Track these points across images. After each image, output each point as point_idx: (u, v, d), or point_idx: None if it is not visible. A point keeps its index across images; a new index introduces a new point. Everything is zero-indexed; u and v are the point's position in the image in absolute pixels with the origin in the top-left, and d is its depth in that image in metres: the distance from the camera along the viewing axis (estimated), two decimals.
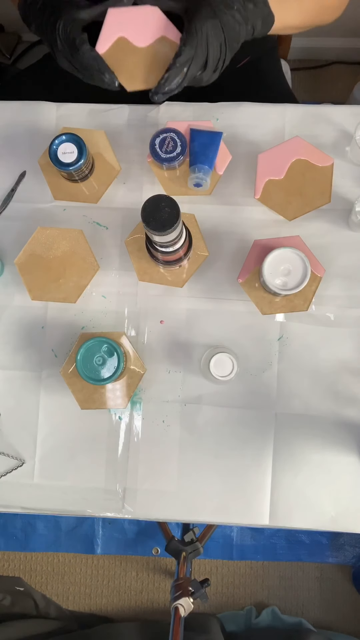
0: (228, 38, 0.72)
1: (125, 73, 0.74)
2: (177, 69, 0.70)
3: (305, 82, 1.76)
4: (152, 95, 0.72)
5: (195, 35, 0.69)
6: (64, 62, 0.75)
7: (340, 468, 0.82)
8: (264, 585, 1.57)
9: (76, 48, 0.71)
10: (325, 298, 0.84)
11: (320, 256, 0.82)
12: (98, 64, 0.72)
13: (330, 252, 0.84)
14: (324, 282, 0.82)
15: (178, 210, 0.64)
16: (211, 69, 0.73)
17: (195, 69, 0.71)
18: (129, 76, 0.74)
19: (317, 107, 0.89)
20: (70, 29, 0.71)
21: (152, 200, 0.64)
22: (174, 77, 0.70)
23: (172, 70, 0.70)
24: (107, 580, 1.59)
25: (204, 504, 0.82)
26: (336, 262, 0.84)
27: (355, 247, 0.85)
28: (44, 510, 0.84)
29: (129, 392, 0.81)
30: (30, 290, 0.82)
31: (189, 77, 0.72)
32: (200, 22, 0.70)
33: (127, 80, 0.74)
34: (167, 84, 0.70)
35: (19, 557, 1.61)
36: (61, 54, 0.74)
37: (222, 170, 0.82)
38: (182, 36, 0.71)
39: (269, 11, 0.76)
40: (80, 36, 0.71)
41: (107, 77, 0.72)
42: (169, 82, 0.70)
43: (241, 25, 0.73)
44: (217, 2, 0.71)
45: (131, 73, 0.74)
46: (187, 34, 0.70)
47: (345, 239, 0.85)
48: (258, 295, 0.81)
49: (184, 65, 0.70)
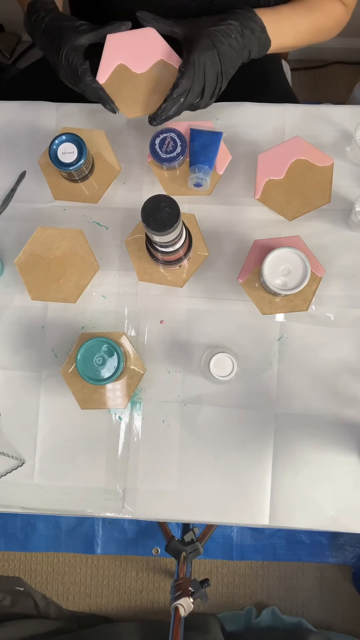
0: (224, 67, 0.76)
1: (124, 101, 0.79)
2: (174, 100, 0.74)
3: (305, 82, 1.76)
4: (150, 120, 0.77)
5: (193, 67, 0.73)
6: (67, 83, 0.80)
7: (340, 468, 0.82)
8: (264, 585, 1.57)
9: (79, 78, 0.76)
10: (325, 298, 0.84)
11: (320, 256, 0.82)
12: (99, 95, 0.77)
13: (330, 252, 0.84)
14: (324, 282, 0.82)
15: (178, 210, 0.64)
16: (208, 97, 0.77)
17: (192, 98, 0.75)
18: (128, 103, 0.79)
19: (317, 107, 0.89)
20: (72, 58, 0.76)
21: (152, 200, 0.64)
22: (171, 106, 0.75)
23: (169, 101, 0.74)
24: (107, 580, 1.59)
25: (204, 504, 0.82)
26: (336, 262, 0.84)
27: (355, 247, 0.85)
28: (44, 510, 0.84)
29: (129, 392, 0.81)
30: (30, 290, 0.82)
31: (185, 106, 0.76)
32: (198, 53, 0.73)
33: (127, 108, 0.79)
34: (165, 113, 0.75)
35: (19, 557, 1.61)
36: (65, 77, 0.79)
37: (222, 170, 0.82)
38: (180, 66, 0.75)
39: (266, 37, 0.79)
40: (83, 66, 0.76)
41: (107, 107, 0.78)
42: (166, 111, 0.75)
43: (238, 53, 0.76)
44: (215, 31, 0.74)
45: (130, 100, 0.79)
46: (185, 65, 0.74)
47: (345, 239, 0.85)
48: (258, 295, 0.81)
49: (181, 96, 0.74)
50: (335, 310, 0.84)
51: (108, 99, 0.78)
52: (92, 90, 0.77)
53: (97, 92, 0.77)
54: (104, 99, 0.77)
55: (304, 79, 1.76)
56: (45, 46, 0.79)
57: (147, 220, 0.63)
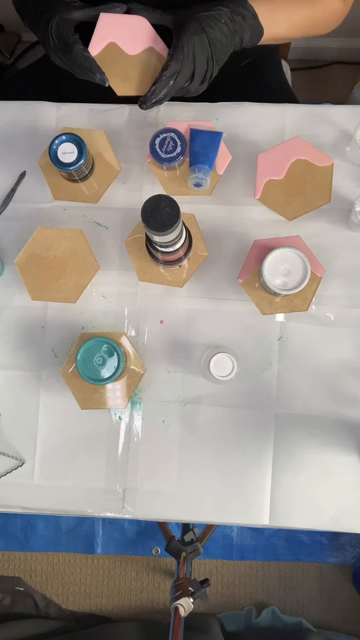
0: (215, 52, 0.75)
1: (115, 77, 0.78)
2: (163, 82, 0.74)
3: (305, 82, 1.76)
4: (140, 103, 0.76)
5: (182, 51, 0.73)
6: (56, 59, 0.78)
7: (340, 468, 0.82)
8: (264, 585, 1.57)
9: (69, 47, 0.74)
10: (325, 298, 0.84)
11: (320, 256, 0.82)
12: (89, 64, 0.75)
13: (330, 252, 0.84)
14: (324, 282, 0.82)
15: (178, 210, 0.64)
16: (198, 81, 0.77)
17: (181, 81, 0.75)
18: (119, 80, 0.78)
19: (317, 107, 0.89)
20: (63, 28, 0.74)
21: (152, 200, 0.64)
22: (160, 89, 0.74)
23: (158, 83, 0.74)
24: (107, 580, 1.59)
25: (204, 504, 0.82)
26: (336, 262, 0.84)
27: (355, 247, 0.85)
28: (44, 510, 0.84)
29: (129, 392, 0.81)
30: (30, 290, 0.82)
31: (175, 89, 0.75)
32: (187, 37, 0.73)
33: (117, 85, 0.78)
34: (154, 96, 0.74)
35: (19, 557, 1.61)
36: (53, 51, 0.77)
37: (222, 170, 0.82)
38: (169, 51, 0.74)
39: (258, 24, 0.78)
40: (73, 36, 0.74)
41: (98, 77, 0.75)
42: (156, 94, 0.74)
43: (229, 38, 0.76)
44: (204, 17, 0.74)
45: (121, 77, 0.78)
46: (174, 49, 0.73)
47: (345, 239, 0.85)
48: (258, 295, 0.81)
49: (171, 79, 0.74)
50: (335, 310, 0.84)
51: (99, 69, 0.75)
52: (83, 60, 0.74)
53: (88, 61, 0.75)
54: (93, 70, 0.75)
55: (304, 79, 1.76)
56: (34, 20, 0.78)
57: (147, 220, 0.63)
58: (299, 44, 1.67)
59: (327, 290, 0.84)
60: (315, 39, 1.67)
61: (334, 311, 0.84)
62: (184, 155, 0.80)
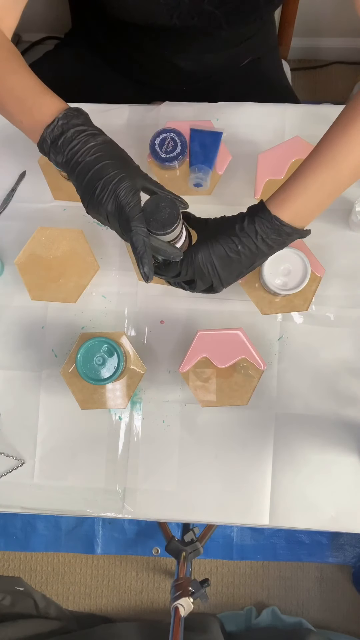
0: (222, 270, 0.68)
1: None
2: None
3: (305, 82, 1.76)
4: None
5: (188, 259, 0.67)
6: (96, 216, 0.67)
7: (340, 468, 0.82)
8: (264, 585, 1.57)
9: (129, 223, 0.62)
10: (325, 298, 0.84)
11: (320, 256, 0.82)
12: (142, 255, 0.62)
13: (330, 252, 0.84)
14: (324, 282, 0.82)
15: (178, 210, 0.63)
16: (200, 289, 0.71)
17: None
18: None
19: (317, 107, 0.89)
20: (129, 198, 0.62)
21: (152, 200, 0.64)
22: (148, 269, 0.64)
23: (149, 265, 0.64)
24: (107, 580, 1.59)
25: (204, 504, 0.82)
26: (336, 262, 0.84)
27: (355, 247, 0.85)
28: (44, 510, 0.84)
29: (129, 392, 0.81)
30: (30, 290, 0.82)
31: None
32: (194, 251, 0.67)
33: None
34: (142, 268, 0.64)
35: (19, 557, 1.61)
36: (99, 208, 0.64)
37: (222, 170, 0.82)
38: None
39: (298, 233, 0.68)
40: (138, 214, 0.62)
41: (144, 269, 0.63)
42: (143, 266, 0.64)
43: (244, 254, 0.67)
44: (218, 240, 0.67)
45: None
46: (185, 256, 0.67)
47: (345, 239, 0.85)
48: (258, 295, 0.81)
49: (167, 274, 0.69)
50: (335, 310, 0.84)
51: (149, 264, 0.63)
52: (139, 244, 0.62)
53: (143, 250, 0.62)
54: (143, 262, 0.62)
55: (304, 79, 1.76)
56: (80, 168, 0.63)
57: (147, 220, 0.63)
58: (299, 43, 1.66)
59: (327, 290, 0.84)
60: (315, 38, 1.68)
61: (334, 311, 0.84)
62: (184, 155, 0.80)
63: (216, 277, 0.69)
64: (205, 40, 0.95)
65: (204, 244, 0.67)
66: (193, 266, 0.68)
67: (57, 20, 1.49)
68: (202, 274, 0.68)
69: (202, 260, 0.67)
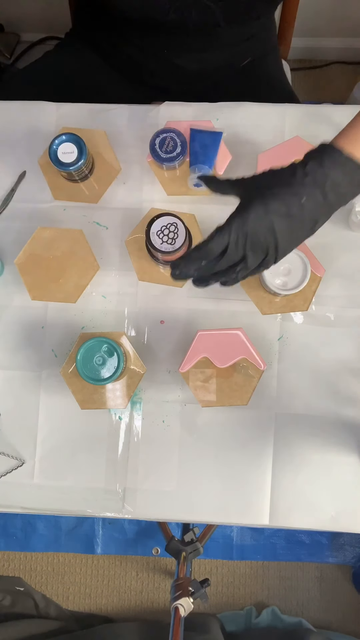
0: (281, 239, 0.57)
1: None
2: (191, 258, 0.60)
3: (305, 82, 1.76)
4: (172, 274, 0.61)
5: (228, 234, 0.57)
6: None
7: (340, 468, 0.82)
8: (264, 585, 1.57)
9: None
10: (325, 298, 0.84)
11: (320, 256, 0.82)
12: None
13: (330, 252, 0.84)
14: (324, 282, 0.82)
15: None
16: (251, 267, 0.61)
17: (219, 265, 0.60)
18: None
19: (317, 107, 0.89)
20: None
21: None
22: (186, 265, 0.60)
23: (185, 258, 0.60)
24: (107, 580, 1.59)
25: (204, 504, 0.82)
26: (336, 262, 0.84)
27: (355, 247, 0.85)
28: (44, 510, 0.84)
29: (129, 392, 0.81)
30: (30, 290, 0.82)
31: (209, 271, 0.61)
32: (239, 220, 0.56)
33: None
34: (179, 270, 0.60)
35: (19, 557, 1.61)
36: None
37: (222, 170, 0.82)
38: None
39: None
40: None
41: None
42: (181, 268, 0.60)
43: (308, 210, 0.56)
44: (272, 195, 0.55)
45: None
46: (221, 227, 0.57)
47: (345, 239, 0.85)
48: (258, 295, 0.81)
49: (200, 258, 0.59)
50: (335, 310, 0.84)
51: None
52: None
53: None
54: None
55: (304, 79, 1.76)
56: None
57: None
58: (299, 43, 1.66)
59: (327, 290, 0.84)
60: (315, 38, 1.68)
61: (334, 311, 0.84)
62: (184, 155, 0.80)
63: (273, 245, 0.55)
64: (205, 39, 0.95)
65: (255, 202, 0.54)
66: (245, 232, 0.54)
67: (57, 20, 1.49)
68: (257, 241, 0.55)
69: (255, 223, 0.53)
